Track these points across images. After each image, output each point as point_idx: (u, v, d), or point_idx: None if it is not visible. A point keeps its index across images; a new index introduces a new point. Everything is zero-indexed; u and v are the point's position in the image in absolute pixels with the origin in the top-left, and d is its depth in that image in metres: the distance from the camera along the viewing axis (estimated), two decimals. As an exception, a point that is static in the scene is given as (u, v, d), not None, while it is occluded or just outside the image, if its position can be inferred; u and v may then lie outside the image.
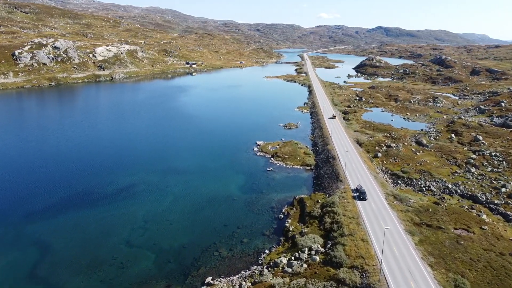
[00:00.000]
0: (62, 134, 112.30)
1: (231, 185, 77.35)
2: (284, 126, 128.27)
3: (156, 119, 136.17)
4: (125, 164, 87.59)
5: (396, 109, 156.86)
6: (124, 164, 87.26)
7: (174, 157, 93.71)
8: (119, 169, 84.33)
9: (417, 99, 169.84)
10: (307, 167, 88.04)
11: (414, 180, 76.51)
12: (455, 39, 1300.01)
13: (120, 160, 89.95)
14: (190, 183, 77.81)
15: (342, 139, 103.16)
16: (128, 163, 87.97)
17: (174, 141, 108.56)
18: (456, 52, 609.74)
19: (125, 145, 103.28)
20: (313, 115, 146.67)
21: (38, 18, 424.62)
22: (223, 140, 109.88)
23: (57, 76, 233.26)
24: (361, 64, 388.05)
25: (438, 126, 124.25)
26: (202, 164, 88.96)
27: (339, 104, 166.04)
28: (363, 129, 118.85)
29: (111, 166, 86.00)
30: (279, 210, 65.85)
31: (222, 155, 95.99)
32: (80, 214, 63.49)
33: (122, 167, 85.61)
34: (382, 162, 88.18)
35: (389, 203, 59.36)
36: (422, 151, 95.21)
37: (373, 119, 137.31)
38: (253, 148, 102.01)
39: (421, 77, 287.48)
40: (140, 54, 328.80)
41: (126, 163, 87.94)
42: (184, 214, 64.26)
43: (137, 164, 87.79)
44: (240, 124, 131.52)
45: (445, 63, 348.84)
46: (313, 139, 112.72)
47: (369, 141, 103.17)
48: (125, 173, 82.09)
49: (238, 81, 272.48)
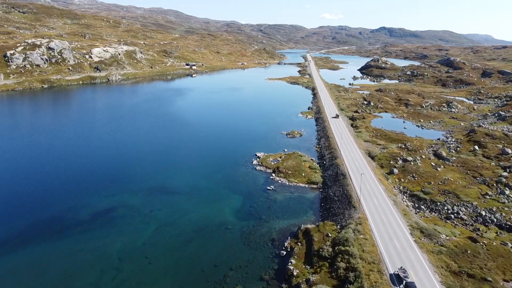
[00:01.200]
0: (43, 144, 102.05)
1: (226, 209, 66.68)
2: (287, 134, 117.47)
3: (147, 127, 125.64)
4: (106, 181, 77.10)
5: (408, 115, 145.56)
6: (105, 182, 76.78)
7: (163, 172, 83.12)
8: (99, 187, 73.87)
9: (429, 104, 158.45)
10: (313, 185, 77.22)
11: (438, 204, 65.48)
12: (459, 40, 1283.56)
13: (101, 177, 79.43)
14: (178, 206, 67.23)
15: (351, 151, 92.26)
16: (109, 180, 77.48)
17: (164, 154, 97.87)
18: (463, 53, 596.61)
19: (108, 158, 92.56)
20: (318, 121, 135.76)
21: (36, 18, 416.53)
22: (219, 152, 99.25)
23: (50, 78, 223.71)
24: (366, 66, 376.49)
25: (457, 135, 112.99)
26: (194, 181, 78.35)
27: (346, 109, 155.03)
28: (374, 139, 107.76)
29: (90, 183, 75.54)
30: (281, 244, 55.09)
31: (217, 170, 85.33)
32: (42, 249, 53.09)
33: (102, 185, 75.14)
34: (399, 180, 77.20)
35: (416, 240, 48.49)
36: (443, 166, 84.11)
37: (383, 126, 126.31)
38: (252, 161, 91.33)
39: (430, 79, 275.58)
40: (138, 55, 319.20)
41: (108, 180, 77.46)
42: (168, 250, 53.66)
43: (120, 181, 77.32)
44: (239, 132, 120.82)
45: (454, 64, 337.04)
46: (319, 150, 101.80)
47: (382, 153, 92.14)
48: (105, 192, 71.64)
49: (239, 83, 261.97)
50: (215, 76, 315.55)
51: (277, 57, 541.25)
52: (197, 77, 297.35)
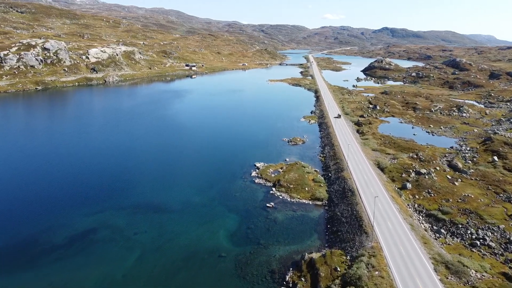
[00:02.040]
0: (24, 153, 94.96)
1: (220, 231, 59.35)
2: (288, 141, 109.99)
3: (139, 133, 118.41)
4: (89, 196, 69.80)
5: (417, 120, 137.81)
6: (87, 197, 69.48)
7: (152, 186, 75.81)
8: (80, 203, 66.63)
9: (439, 108, 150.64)
10: (317, 202, 69.78)
11: (460, 226, 57.93)
12: (462, 40, 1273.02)
13: (83, 191, 72.12)
14: (167, 227, 59.94)
15: (359, 162, 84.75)
16: (92, 195, 70.19)
17: (155, 163, 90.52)
18: (467, 53, 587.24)
19: (93, 169, 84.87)
20: (322, 127, 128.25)
21: (35, 18, 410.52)
22: (216, 161, 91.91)
23: (45, 79, 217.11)
24: (370, 67, 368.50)
25: (471, 143, 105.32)
26: (186, 197, 71.04)
27: (351, 113, 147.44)
28: (382, 147, 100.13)
29: (70, 199, 68.31)
30: (281, 277, 47.73)
31: (213, 183, 78.01)
32: (7, 283, 45.92)
33: (83, 200, 67.87)
34: (413, 197, 69.66)
35: (441, 279, 41.04)
36: (461, 180, 76.53)
37: (391, 133, 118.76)
38: (251, 172, 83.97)
39: (436, 81, 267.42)
40: (137, 55, 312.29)
41: (90, 195, 70.17)
42: (151, 284, 46.38)
43: (103, 196, 70.03)
44: (237, 139, 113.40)
45: (460, 65, 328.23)
46: (323, 159, 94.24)
47: (392, 165, 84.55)
48: (86, 210, 64.40)
49: (239, 84, 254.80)
50: (215, 77, 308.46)
51: (278, 58, 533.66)
52: (197, 78, 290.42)
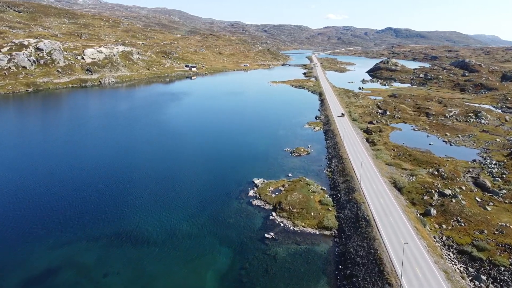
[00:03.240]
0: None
1: (208, 272, 48.83)
2: (291, 152, 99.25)
3: (125, 142, 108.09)
4: (55, 224, 59.23)
5: (431, 127, 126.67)
6: (53, 225, 58.96)
7: (134, 210, 65.20)
8: (43, 233, 56.24)
9: (454, 114, 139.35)
10: (325, 231, 59.06)
11: (503, 270, 47.08)
12: (466, 41, 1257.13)
13: (49, 216, 61.47)
14: (145, 266, 49.50)
15: (372, 180, 73.98)
16: (60, 222, 59.65)
17: (140, 181, 79.87)
18: (473, 54, 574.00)
19: (63, 188, 73.49)
20: (328, 134, 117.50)
21: (32, 17, 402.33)
22: (209, 177, 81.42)
23: (36, 81, 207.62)
24: (376, 68, 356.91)
25: (496, 155, 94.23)
26: (171, 224, 60.54)
27: (359, 119, 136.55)
28: (397, 160, 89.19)
29: (32, 228, 57.86)
30: None
31: (204, 205, 67.46)
32: None
33: (48, 230, 57.41)
34: (439, 226, 58.78)
35: None
36: (493, 203, 65.65)
37: (405, 142, 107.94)
38: (248, 191, 73.39)
39: (445, 83, 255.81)
40: (135, 56, 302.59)
41: (57, 222, 59.61)
42: None
43: (74, 223, 59.52)
44: (234, 150, 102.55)
45: (470, 67, 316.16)
46: (330, 175, 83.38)
47: (411, 183, 73.69)
48: (50, 242, 53.91)
49: (240, 86, 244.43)
50: (216, 78, 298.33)
51: (281, 58, 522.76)
52: (197, 79, 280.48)
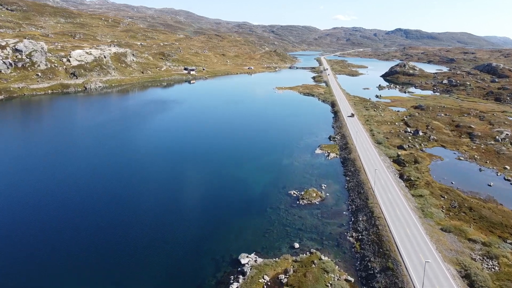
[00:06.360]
0: None
1: None
2: (298, 198, 71.17)
3: (81, 173, 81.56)
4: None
5: (481, 155, 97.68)
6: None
7: None
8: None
9: (506, 136, 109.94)
10: None
11: None
12: (478, 42, 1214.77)
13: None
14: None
15: (431, 270, 45.93)
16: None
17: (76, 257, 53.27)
18: (492, 56, 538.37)
19: (15, 229, 48.35)
20: (348, 166, 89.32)
21: (25, 16, 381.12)
22: (177, 255, 54.21)
23: (10, 86, 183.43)
24: (391, 71, 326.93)
25: None
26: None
27: (385, 141, 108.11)
28: (456, 221, 60.48)
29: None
30: None
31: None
32: None
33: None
34: None
35: None
36: None
37: (452, 180, 79.66)
38: (230, 282, 46.03)
39: (475, 90, 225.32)
40: (129, 58, 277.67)
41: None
42: None
43: None
44: (218, 197, 73.02)
45: (498, 71, 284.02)
46: (358, 247, 55.28)
47: (496, 275, 45.45)
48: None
49: (241, 93, 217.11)
50: (216, 82, 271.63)
51: (288, 60, 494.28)
52: (195, 84, 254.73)
